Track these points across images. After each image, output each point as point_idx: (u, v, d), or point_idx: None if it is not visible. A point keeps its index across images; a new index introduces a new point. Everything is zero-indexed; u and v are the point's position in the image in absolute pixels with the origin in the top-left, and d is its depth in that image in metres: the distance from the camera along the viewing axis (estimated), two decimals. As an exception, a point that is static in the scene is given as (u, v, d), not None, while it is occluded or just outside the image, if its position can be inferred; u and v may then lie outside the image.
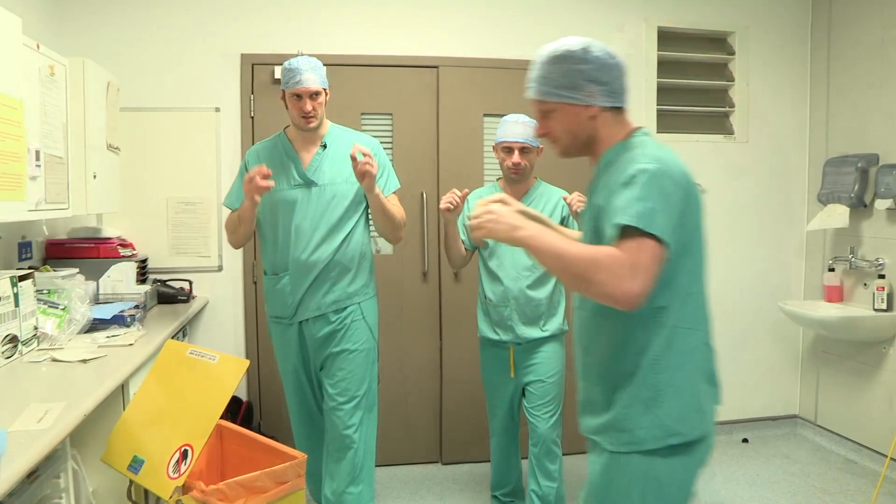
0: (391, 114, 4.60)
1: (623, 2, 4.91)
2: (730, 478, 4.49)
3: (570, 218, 3.48)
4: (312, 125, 3.24)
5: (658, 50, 4.99)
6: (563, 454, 3.72)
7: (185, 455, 2.25)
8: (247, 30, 4.46)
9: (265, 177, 2.99)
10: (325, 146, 3.31)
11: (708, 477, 4.47)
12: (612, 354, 1.95)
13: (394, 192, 3.42)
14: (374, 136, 3.54)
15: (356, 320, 3.35)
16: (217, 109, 4.44)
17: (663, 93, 5.03)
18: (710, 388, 1.98)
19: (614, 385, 1.95)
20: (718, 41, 5.19)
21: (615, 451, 1.95)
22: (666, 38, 5.03)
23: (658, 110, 5.01)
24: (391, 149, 4.60)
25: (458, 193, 3.34)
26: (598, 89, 1.96)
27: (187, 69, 4.42)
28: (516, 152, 3.47)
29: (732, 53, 5.15)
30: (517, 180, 3.56)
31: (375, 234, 3.50)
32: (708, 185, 5.01)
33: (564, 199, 3.39)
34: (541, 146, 3.50)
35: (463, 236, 3.60)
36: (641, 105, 4.95)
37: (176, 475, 2.24)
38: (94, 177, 3.49)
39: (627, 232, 1.76)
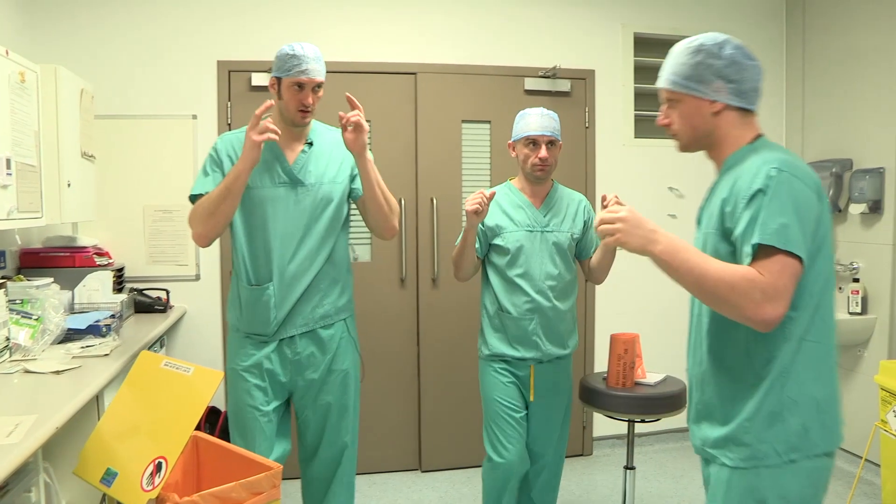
0: (369, 121, 4.53)
1: (600, 8, 4.93)
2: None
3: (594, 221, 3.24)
4: (308, 121, 2.91)
5: (635, 56, 5.01)
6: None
7: (158, 467, 2.23)
8: (223, 37, 4.44)
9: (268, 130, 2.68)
10: (310, 144, 2.97)
11: (686, 482, 4.49)
12: (734, 365, 1.91)
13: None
14: None
15: (344, 338, 3.05)
16: (194, 117, 4.41)
17: (641, 99, 5.05)
18: (834, 404, 1.90)
19: (734, 396, 1.91)
20: (695, 47, 5.21)
21: (736, 466, 1.89)
22: (643, 44, 5.06)
23: (636, 116, 5.03)
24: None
25: (486, 194, 3.03)
26: (727, 86, 1.94)
27: (163, 76, 4.40)
28: (543, 146, 3.15)
29: (709, 59, 5.17)
30: (541, 178, 3.23)
31: (350, 240, 3.39)
32: (685, 190, 5.04)
33: (603, 198, 2.84)
34: (561, 142, 3.26)
35: (477, 244, 3.26)
36: (619, 111, 4.97)
37: (149, 487, 2.21)
38: (69, 185, 3.46)
39: (765, 251, 1.74)
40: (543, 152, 3.15)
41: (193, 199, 2.87)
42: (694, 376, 2.07)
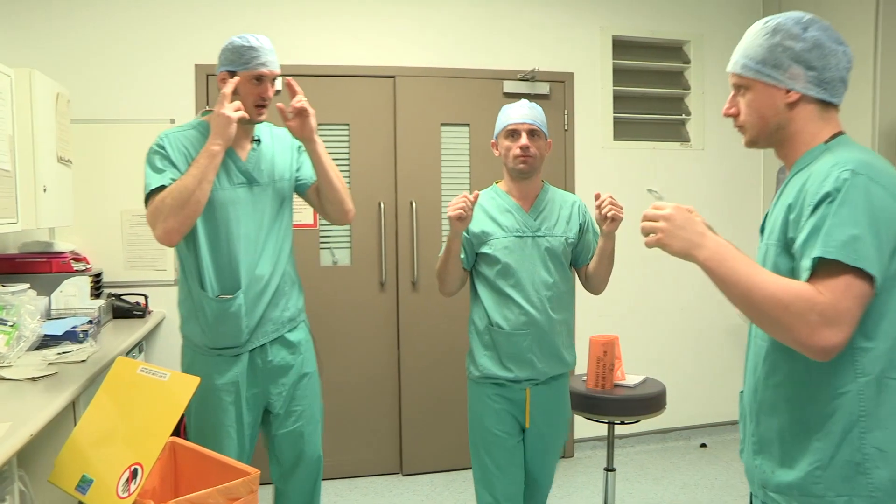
0: (348, 124, 4.59)
1: (578, 11, 4.95)
2: (688, 483, 4.52)
3: (591, 223, 2.98)
4: (265, 116, 2.77)
5: (613, 59, 5.03)
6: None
7: (134, 474, 2.21)
8: (200, 40, 4.42)
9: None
10: (259, 141, 2.85)
11: (666, 483, 4.51)
12: (795, 399, 1.66)
13: None
14: (331, 147, 3.36)
15: (308, 340, 2.98)
16: (172, 121, 4.38)
17: (620, 101, 5.08)
18: None
19: (797, 436, 1.65)
20: (674, 50, 5.25)
21: None
22: (621, 47, 5.08)
23: (615, 118, 5.05)
24: (348, 159, 4.58)
25: (470, 197, 2.74)
26: (806, 74, 1.67)
27: (141, 80, 4.37)
28: (524, 135, 2.83)
29: (688, 62, 5.21)
30: (526, 174, 2.88)
31: (328, 244, 3.36)
32: (665, 192, 5.06)
33: (597, 197, 2.76)
34: (549, 139, 2.95)
35: (462, 254, 2.94)
36: (597, 113, 4.99)
37: (125, 494, 2.20)
38: (45, 190, 3.44)
39: (827, 267, 1.50)
40: (524, 140, 2.82)
41: (152, 194, 2.65)
42: (749, 404, 1.82)
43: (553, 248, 2.89)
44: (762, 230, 1.82)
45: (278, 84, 3.07)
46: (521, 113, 2.85)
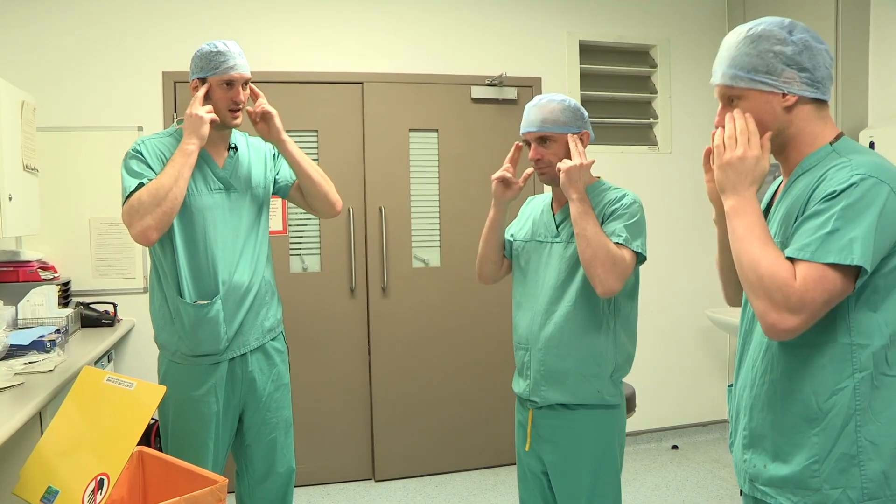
0: (316, 131, 4.59)
1: (546, 17, 4.98)
2: (660, 484, 4.56)
3: (610, 218, 2.52)
4: (239, 120, 2.77)
5: (581, 63, 5.07)
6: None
7: (101, 484, 2.20)
8: (168, 48, 4.40)
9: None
10: (235, 148, 2.87)
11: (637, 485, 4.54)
12: (793, 394, 1.68)
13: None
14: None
15: (284, 351, 2.98)
16: (140, 128, 4.37)
17: (587, 105, 5.10)
18: None
19: (793, 429, 1.68)
20: (640, 54, 5.31)
21: None
22: (588, 51, 5.12)
23: (583, 123, 5.08)
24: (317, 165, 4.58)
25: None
26: (799, 76, 1.68)
27: (108, 88, 4.35)
28: (533, 145, 2.55)
29: (654, 66, 5.27)
30: (548, 183, 2.60)
31: (298, 250, 3.32)
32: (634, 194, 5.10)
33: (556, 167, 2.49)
34: (583, 132, 2.58)
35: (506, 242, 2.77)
36: (566, 118, 5.02)
37: (92, 505, 2.19)
38: (10, 199, 3.41)
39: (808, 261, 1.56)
40: (532, 152, 2.55)
41: (129, 196, 2.62)
42: (742, 399, 1.84)
43: (574, 255, 2.51)
44: None
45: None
46: (529, 119, 2.56)
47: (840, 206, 1.55)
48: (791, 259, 1.59)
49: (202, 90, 2.69)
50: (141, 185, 2.61)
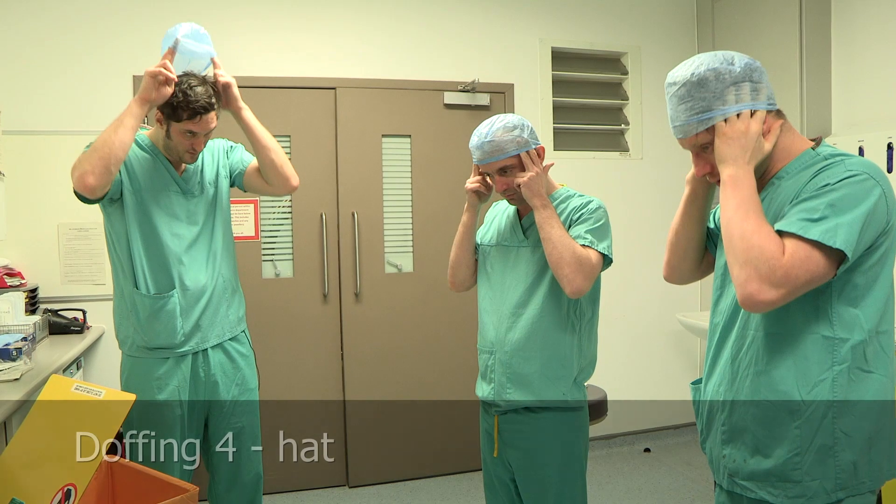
0: (289, 136, 4.57)
1: (518, 23, 5.00)
2: (632, 487, 4.58)
3: (575, 223, 2.56)
4: (196, 158, 2.83)
5: (553, 70, 5.10)
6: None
7: (67, 495, 2.17)
8: (138, 51, 4.35)
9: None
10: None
11: (610, 488, 4.56)
12: (779, 389, 1.69)
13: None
14: None
15: (250, 354, 2.98)
16: (109, 133, 4.32)
17: (559, 111, 5.14)
18: (885, 438, 1.71)
19: (775, 422, 1.70)
20: (612, 61, 5.34)
21: None
22: (560, 58, 5.15)
23: (554, 129, 5.11)
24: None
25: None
26: (760, 93, 1.72)
27: (78, 92, 4.30)
28: (496, 177, 2.54)
29: (626, 73, 5.30)
30: (518, 204, 2.64)
31: (272, 256, 3.30)
32: (605, 200, 5.12)
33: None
34: (537, 147, 2.52)
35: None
36: (538, 124, 5.05)
37: (60, 514, 2.16)
38: (-24, 204, 3.37)
39: (796, 238, 1.58)
40: (497, 185, 2.55)
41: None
42: (719, 394, 1.84)
43: (539, 260, 2.55)
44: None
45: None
46: (483, 152, 2.51)
47: (833, 197, 1.59)
48: (780, 234, 1.61)
49: (166, 56, 2.72)
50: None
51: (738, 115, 1.69)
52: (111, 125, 2.64)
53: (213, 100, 2.74)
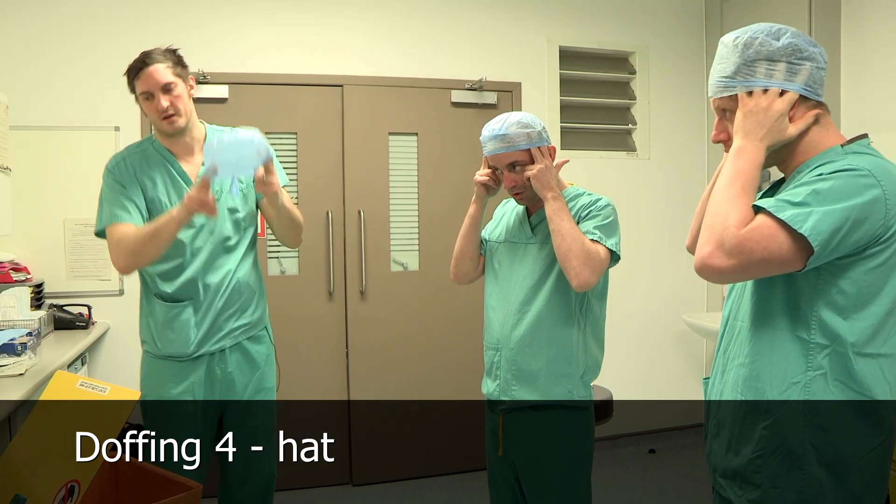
0: (296, 133, 4.57)
1: (526, 22, 4.99)
2: (637, 488, 4.57)
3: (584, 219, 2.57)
4: (178, 124, 2.66)
5: (560, 69, 5.08)
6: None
7: (71, 491, 2.16)
8: (145, 46, 4.29)
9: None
10: None
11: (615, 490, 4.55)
12: (755, 386, 1.65)
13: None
14: (279, 156, 3.13)
15: (270, 353, 2.95)
16: (116, 129, 4.33)
17: (567, 111, 5.13)
18: (871, 477, 1.60)
19: (748, 420, 1.65)
20: (619, 61, 5.32)
21: None
22: (568, 57, 5.13)
23: (562, 128, 5.10)
24: (296, 169, 4.56)
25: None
26: (798, 76, 1.64)
27: (84, 88, 4.30)
28: (504, 172, 2.54)
29: (633, 73, 5.28)
30: (525, 202, 2.62)
31: (277, 253, 3.29)
32: (612, 199, 5.11)
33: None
34: (545, 145, 2.55)
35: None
36: (545, 123, 5.01)
37: (62, 511, 2.15)
38: (-18, 199, 3.37)
39: (766, 214, 1.51)
40: (506, 181, 2.54)
41: (100, 234, 2.72)
42: (714, 387, 1.82)
43: (548, 257, 2.53)
44: None
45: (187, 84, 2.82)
46: (490, 147, 2.53)
47: (820, 186, 1.51)
48: (755, 209, 1.55)
49: (204, 177, 2.47)
50: (117, 217, 2.63)
51: (764, 91, 1.63)
52: (151, 231, 2.56)
53: (157, 54, 2.68)
